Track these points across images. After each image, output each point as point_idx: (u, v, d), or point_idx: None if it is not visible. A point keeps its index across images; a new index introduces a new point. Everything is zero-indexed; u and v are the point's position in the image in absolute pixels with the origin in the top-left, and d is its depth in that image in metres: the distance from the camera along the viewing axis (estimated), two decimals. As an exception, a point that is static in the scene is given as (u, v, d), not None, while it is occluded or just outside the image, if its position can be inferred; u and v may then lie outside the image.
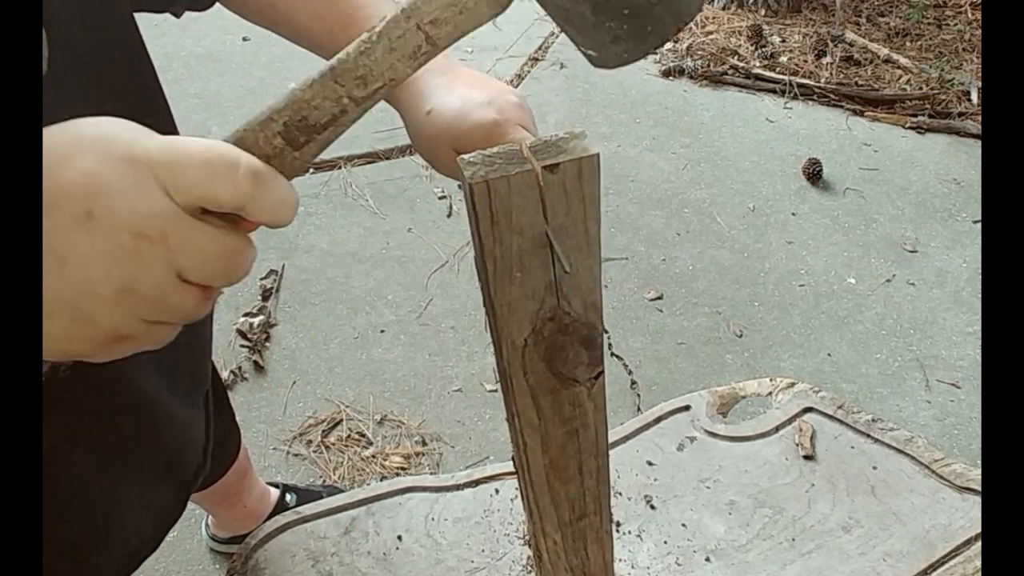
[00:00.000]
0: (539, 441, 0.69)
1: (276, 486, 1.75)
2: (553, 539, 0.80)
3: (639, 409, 2.13)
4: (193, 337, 0.87)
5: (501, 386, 0.65)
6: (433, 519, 1.08)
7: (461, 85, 0.66)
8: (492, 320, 0.59)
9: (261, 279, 2.45)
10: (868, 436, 1.18)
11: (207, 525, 1.76)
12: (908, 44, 3.86)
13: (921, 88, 3.51)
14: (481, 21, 0.41)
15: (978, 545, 1.04)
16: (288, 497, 1.74)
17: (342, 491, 1.79)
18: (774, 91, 3.53)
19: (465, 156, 0.50)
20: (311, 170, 2.91)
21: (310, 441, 2.02)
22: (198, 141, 0.40)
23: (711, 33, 3.86)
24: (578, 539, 0.81)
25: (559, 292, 0.58)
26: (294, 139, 0.42)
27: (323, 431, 2.04)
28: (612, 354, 2.29)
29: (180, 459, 0.89)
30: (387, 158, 2.95)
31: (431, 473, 1.96)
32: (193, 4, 0.80)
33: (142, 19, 0.76)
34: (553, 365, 0.62)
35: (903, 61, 3.65)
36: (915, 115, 3.37)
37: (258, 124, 0.42)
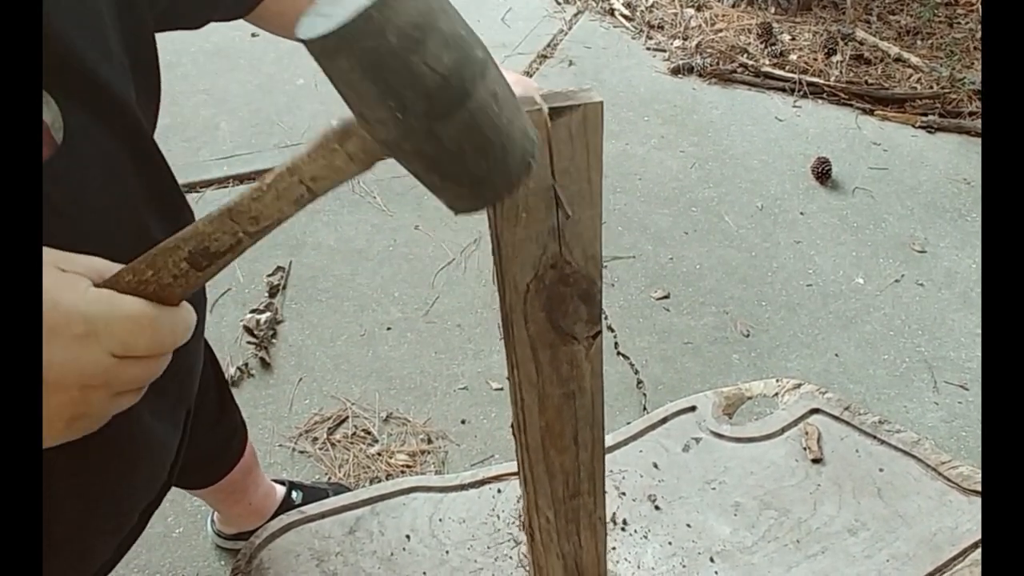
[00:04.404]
0: (536, 399, 0.70)
1: (282, 483, 1.76)
2: (546, 516, 0.80)
3: (645, 408, 2.13)
4: (178, 362, 0.89)
5: (504, 337, 0.67)
6: (439, 519, 1.08)
7: None
8: (498, 263, 0.61)
9: (268, 276, 2.46)
10: (875, 438, 1.18)
11: (212, 521, 1.76)
12: (919, 43, 3.84)
13: (932, 87, 3.49)
14: (351, 177, 0.49)
15: (985, 549, 1.03)
16: (294, 494, 1.74)
17: (348, 489, 1.79)
18: (783, 89, 3.51)
19: None
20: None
21: (316, 438, 2.02)
22: (123, 306, 0.48)
23: (721, 31, 3.85)
24: (571, 521, 0.81)
25: (561, 239, 0.61)
26: (197, 263, 0.50)
27: (329, 428, 2.04)
28: (618, 353, 2.29)
29: (149, 483, 0.90)
30: (395, 155, 2.95)
31: (436, 472, 1.96)
32: (223, 17, 0.81)
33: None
34: (553, 317, 0.64)
35: (914, 60, 3.63)
36: (925, 114, 3.36)
37: (167, 250, 0.50)
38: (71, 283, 0.48)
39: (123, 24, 0.65)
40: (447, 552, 1.04)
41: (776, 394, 1.27)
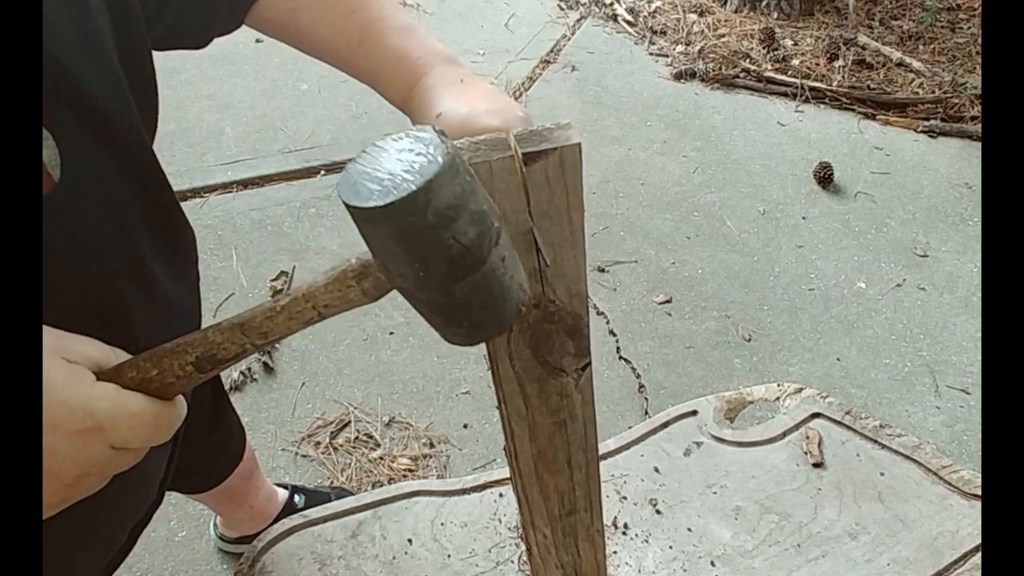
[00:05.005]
0: (527, 430, 0.69)
1: (285, 487, 1.76)
2: (543, 532, 0.80)
3: (647, 413, 2.13)
4: None
5: (490, 372, 0.65)
6: (441, 524, 1.09)
7: (471, 96, 0.68)
8: None
9: (271, 280, 2.46)
10: (876, 442, 1.18)
11: (215, 525, 1.77)
12: (921, 47, 3.85)
13: (933, 92, 3.49)
14: (359, 305, 0.53)
15: (986, 553, 1.03)
16: (296, 498, 1.74)
17: (351, 493, 1.80)
18: (786, 94, 3.52)
19: (454, 142, 0.53)
20: (322, 172, 2.92)
21: (318, 442, 2.03)
22: (128, 404, 0.51)
23: (723, 36, 3.86)
24: (569, 535, 0.81)
25: (544, 280, 0.59)
26: (202, 367, 0.53)
27: (331, 432, 2.05)
28: (620, 357, 2.29)
29: (139, 502, 0.90)
30: (398, 160, 2.95)
31: (438, 476, 1.96)
32: (222, 30, 0.81)
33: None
34: (539, 353, 0.63)
35: (916, 64, 3.64)
36: (927, 119, 3.36)
37: (174, 353, 0.53)
38: (77, 378, 0.51)
39: (120, 44, 0.65)
40: (449, 556, 1.05)
41: (777, 398, 1.28)
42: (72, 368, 0.51)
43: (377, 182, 0.45)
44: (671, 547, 1.06)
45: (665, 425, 1.22)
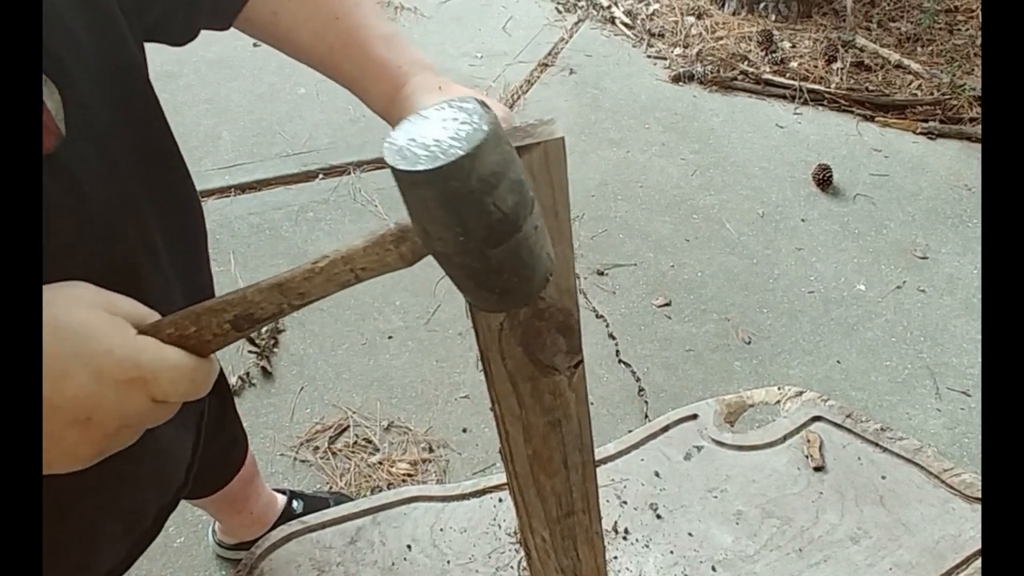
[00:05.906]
0: (521, 430, 0.69)
1: (283, 492, 1.75)
2: (541, 536, 0.80)
3: (647, 416, 2.13)
4: None
5: (483, 373, 0.66)
6: (441, 529, 1.08)
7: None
8: (469, 303, 0.61)
9: (270, 285, 2.46)
10: (877, 445, 1.17)
11: (213, 531, 1.76)
12: (919, 49, 3.85)
13: (932, 93, 3.49)
14: (395, 269, 0.54)
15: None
16: (295, 504, 1.74)
17: (349, 498, 1.79)
18: (784, 97, 3.51)
19: None
20: (320, 176, 2.92)
21: (317, 447, 2.02)
22: (170, 357, 0.52)
23: (721, 39, 3.86)
24: (567, 538, 0.80)
25: None
26: (239, 326, 0.55)
27: (330, 437, 2.04)
28: (620, 361, 2.29)
29: (165, 485, 0.89)
30: (396, 164, 2.95)
31: (437, 480, 1.96)
32: (209, 26, 0.81)
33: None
34: (531, 351, 0.63)
35: (914, 66, 3.64)
36: (926, 120, 3.36)
37: (213, 311, 0.54)
38: (120, 329, 0.51)
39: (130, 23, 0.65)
40: (448, 562, 1.04)
41: (778, 402, 1.27)
42: (115, 320, 0.51)
43: (424, 148, 0.46)
44: (672, 552, 1.06)
45: (665, 429, 1.21)
